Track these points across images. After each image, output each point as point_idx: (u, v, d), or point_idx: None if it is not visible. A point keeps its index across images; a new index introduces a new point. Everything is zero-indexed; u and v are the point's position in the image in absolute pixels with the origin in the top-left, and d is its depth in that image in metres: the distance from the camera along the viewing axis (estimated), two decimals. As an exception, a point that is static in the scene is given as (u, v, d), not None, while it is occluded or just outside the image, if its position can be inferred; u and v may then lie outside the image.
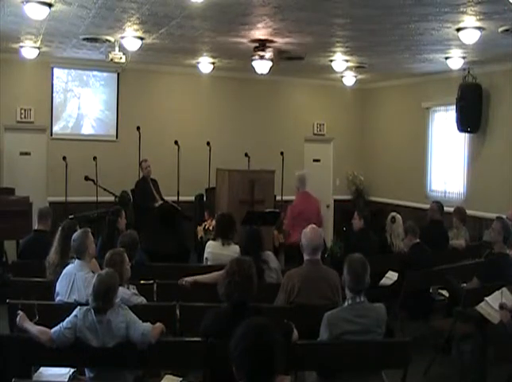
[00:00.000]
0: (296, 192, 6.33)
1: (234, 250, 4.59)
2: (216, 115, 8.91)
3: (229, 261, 2.84)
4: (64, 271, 3.69)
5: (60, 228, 4.12)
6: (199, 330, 2.72)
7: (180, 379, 3.07)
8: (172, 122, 8.59)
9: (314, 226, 3.69)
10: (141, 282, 3.95)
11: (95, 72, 8.21)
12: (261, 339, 1.64)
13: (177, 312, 3.42)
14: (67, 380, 3.04)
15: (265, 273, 4.30)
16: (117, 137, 8.35)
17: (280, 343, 1.66)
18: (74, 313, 2.86)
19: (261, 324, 1.72)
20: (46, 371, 3.07)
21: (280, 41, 6.09)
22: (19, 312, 2.94)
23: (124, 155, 8.18)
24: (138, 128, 8.02)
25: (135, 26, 5.58)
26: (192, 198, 8.19)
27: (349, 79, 8.80)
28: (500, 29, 5.17)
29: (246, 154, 8.37)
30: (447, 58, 6.85)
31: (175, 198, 7.74)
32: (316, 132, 9.80)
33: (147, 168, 7.48)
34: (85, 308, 2.87)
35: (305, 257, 3.60)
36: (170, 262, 5.37)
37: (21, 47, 6.80)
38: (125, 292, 3.39)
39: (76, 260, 3.71)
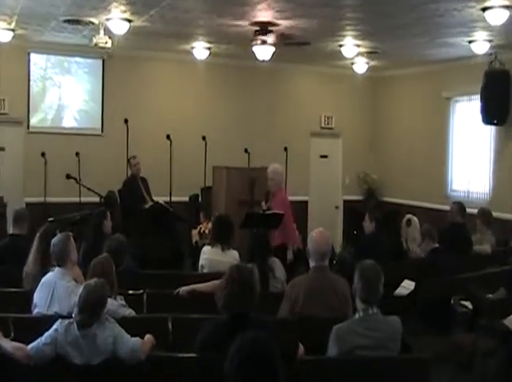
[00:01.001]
0: (278, 188, 6.27)
1: (233, 256, 4.62)
2: (213, 107, 8.92)
3: (228, 268, 2.86)
4: (43, 280, 3.66)
5: (38, 233, 4.11)
6: (194, 345, 2.73)
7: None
8: (164, 114, 8.61)
9: (322, 229, 3.70)
10: (130, 291, 3.96)
11: (78, 59, 8.19)
12: (258, 351, 1.67)
13: (170, 325, 3.41)
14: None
15: (270, 282, 4.37)
16: (102, 130, 8.36)
17: (278, 355, 1.68)
18: (54, 326, 2.85)
19: (257, 336, 1.74)
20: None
21: (283, 24, 6.09)
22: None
23: (110, 151, 8.19)
24: (126, 121, 8.04)
25: (122, 7, 5.56)
26: (186, 199, 8.22)
27: (360, 66, 8.80)
28: (531, 8, 5.14)
29: (245, 150, 8.41)
30: (470, 42, 6.82)
31: (167, 199, 7.78)
32: (323, 125, 9.81)
33: (136, 165, 7.50)
34: (67, 321, 2.85)
35: (311, 264, 3.61)
36: (162, 269, 5.38)
37: (-7, 29, 6.77)
38: (112, 303, 3.38)
39: (57, 268, 3.69)
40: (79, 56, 8.13)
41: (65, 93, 8.17)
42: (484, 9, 5.17)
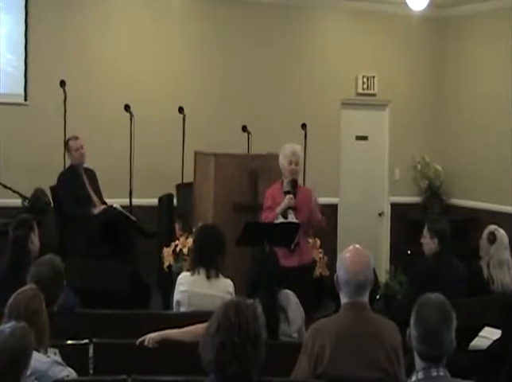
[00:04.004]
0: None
1: (224, 287, 4.66)
2: (195, 64, 8.91)
3: (219, 307, 2.87)
4: None
5: None
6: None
7: None
8: (121, 74, 8.61)
9: (358, 247, 3.71)
10: (69, 342, 3.96)
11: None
12: None
13: (129, 392, 3.45)
14: None
15: (281, 327, 4.40)
16: (26, 98, 8.34)
17: None
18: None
19: None
20: None
21: None
22: None
23: (39, 129, 8.18)
24: (63, 84, 8.01)
25: None
26: (155, 201, 8.18)
27: (417, 0, 8.77)
28: None
29: (244, 129, 8.36)
30: None
31: (126, 201, 7.77)
32: (360, 91, 9.80)
33: (78, 150, 7.49)
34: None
35: (343, 299, 3.62)
36: (117, 307, 5.35)
37: None
38: (40, 360, 3.37)
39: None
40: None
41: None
42: None
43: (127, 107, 8.00)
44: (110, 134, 8.28)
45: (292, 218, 6.11)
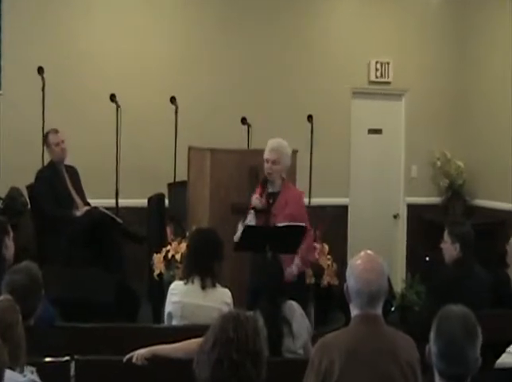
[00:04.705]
0: (285, 181, 6.36)
1: (221, 298, 4.69)
2: (189, 48, 8.91)
3: (216, 320, 2.88)
4: None
5: None
6: None
7: None
8: (106, 60, 8.61)
9: (371, 253, 3.70)
10: (48, 359, 3.95)
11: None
12: None
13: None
14: None
15: (284, 342, 4.37)
16: None
17: None
18: None
19: None
20: None
21: None
22: None
23: (14, 120, 8.16)
24: (41, 71, 8.00)
25: None
26: (144, 202, 8.20)
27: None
28: None
29: (243, 121, 8.37)
30: None
31: (112, 202, 7.79)
32: (373, 79, 9.81)
33: (59, 145, 7.50)
34: None
35: (354, 311, 3.61)
36: (102, 319, 5.39)
37: None
38: (16, 379, 3.36)
39: None
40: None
41: None
42: None
43: (113, 97, 8.00)
44: (94, 127, 8.28)
45: (249, 221, 6.08)
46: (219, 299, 4.71)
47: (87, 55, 8.53)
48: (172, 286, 4.93)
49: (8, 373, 3.07)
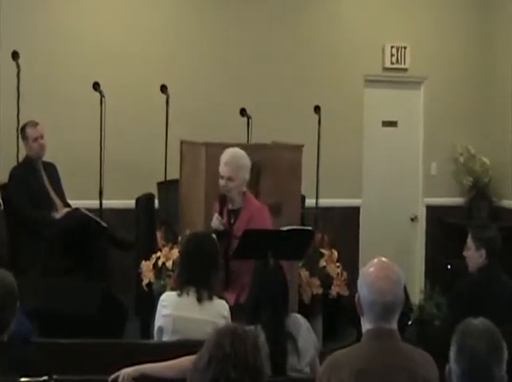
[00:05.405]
0: (246, 195, 6.27)
1: (217, 311, 4.72)
2: (182, 31, 8.93)
3: (211, 334, 2.88)
4: None
5: None
6: None
7: None
8: (89, 45, 8.60)
9: (385, 260, 3.69)
10: (23, 379, 3.92)
11: None
12: None
13: None
14: None
15: (289, 360, 4.36)
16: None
17: None
18: None
19: None
20: None
21: None
22: None
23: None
24: (15, 56, 8.01)
25: None
26: (132, 203, 8.21)
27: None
28: None
29: (242, 112, 8.38)
30: None
31: (95, 203, 7.81)
32: (388, 65, 9.83)
33: (37, 140, 7.51)
34: None
35: (366, 325, 3.61)
36: (84, 335, 5.34)
37: None
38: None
39: None
40: None
41: None
42: None
43: (97, 85, 7.99)
44: (75, 119, 8.30)
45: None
46: (215, 312, 4.73)
47: (67, 38, 8.54)
48: (163, 297, 4.94)
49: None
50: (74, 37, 8.57)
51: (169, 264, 6.78)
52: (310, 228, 6.10)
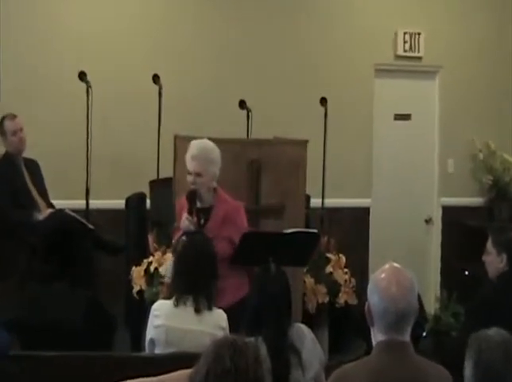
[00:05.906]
0: (218, 192, 6.09)
1: (215, 322, 4.75)
2: (175, 16, 8.96)
3: (209, 347, 2.90)
4: None
5: None
6: None
7: None
8: (75, 31, 8.62)
9: (397, 266, 3.69)
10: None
11: None
12: None
13: None
14: None
15: (292, 373, 4.36)
16: None
17: None
18: None
19: None
20: None
21: None
22: None
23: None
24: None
25: None
26: (121, 203, 8.21)
27: None
28: None
29: (241, 104, 8.39)
30: None
31: (81, 203, 7.84)
32: (401, 53, 9.85)
33: (16, 134, 7.53)
34: None
35: (377, 337, 3.62)
36: (69, 347, 5.34)
37: None
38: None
39: None
40: None
41: None
42: None
43: (83, 75, 8.00)
44: (59, 112, 8.32)
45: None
46: (212, 323, 4.75)
47: (51, 23, 8.57)
48: (155, 306, 4.96)
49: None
50: (58, 22, 8.60)
51: (162, 270, 6.79)
52: (315, 230, 6.09)
